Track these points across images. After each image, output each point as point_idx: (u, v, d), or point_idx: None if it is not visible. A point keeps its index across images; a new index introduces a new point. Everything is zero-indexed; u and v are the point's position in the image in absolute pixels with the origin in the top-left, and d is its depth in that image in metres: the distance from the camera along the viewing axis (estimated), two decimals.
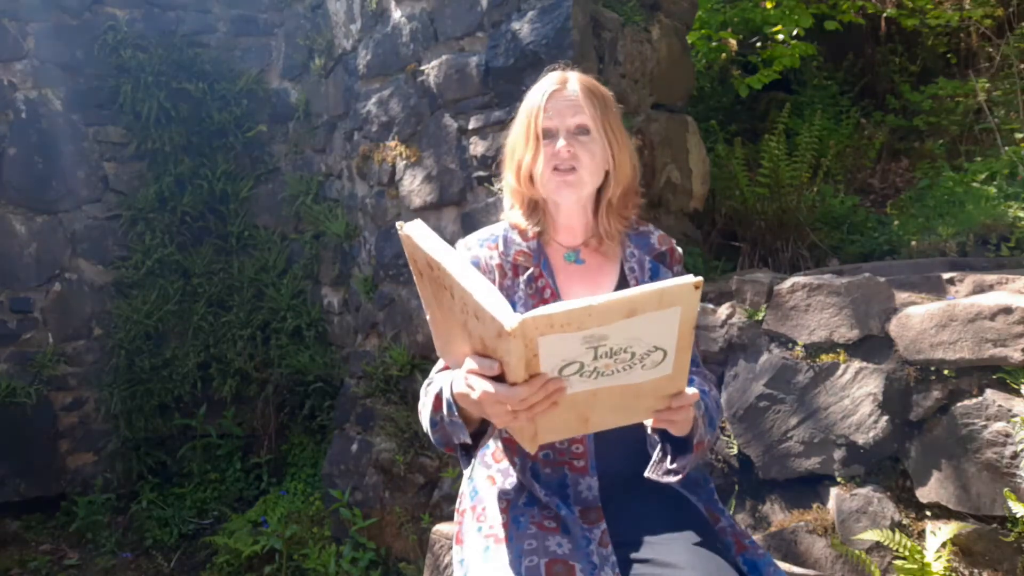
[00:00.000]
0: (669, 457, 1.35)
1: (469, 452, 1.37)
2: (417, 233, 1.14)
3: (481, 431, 1.33)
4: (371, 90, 3.79)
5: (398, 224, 1.17)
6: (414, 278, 1.21)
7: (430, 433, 1.38)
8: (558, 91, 1.48)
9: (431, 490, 3.46)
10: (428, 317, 1.25)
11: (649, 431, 1.36)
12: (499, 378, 1.12)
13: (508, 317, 1.02)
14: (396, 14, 3.61)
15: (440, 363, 1.47)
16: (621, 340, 1.06)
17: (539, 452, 1.44)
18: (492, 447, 1.53)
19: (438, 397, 1.32)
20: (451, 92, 3.32)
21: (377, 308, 3.83)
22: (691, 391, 1.21)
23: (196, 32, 4.89)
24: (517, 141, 1.52)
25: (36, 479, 4.40)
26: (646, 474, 1.37)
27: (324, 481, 3.93)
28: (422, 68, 3.47)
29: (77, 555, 4.16)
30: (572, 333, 1.03)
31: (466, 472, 1.58)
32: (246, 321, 4.72)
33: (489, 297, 1.04)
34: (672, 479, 1.36)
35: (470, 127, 3.24)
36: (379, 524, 3.55)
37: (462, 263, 1.09)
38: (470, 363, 1.15)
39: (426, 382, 1.44)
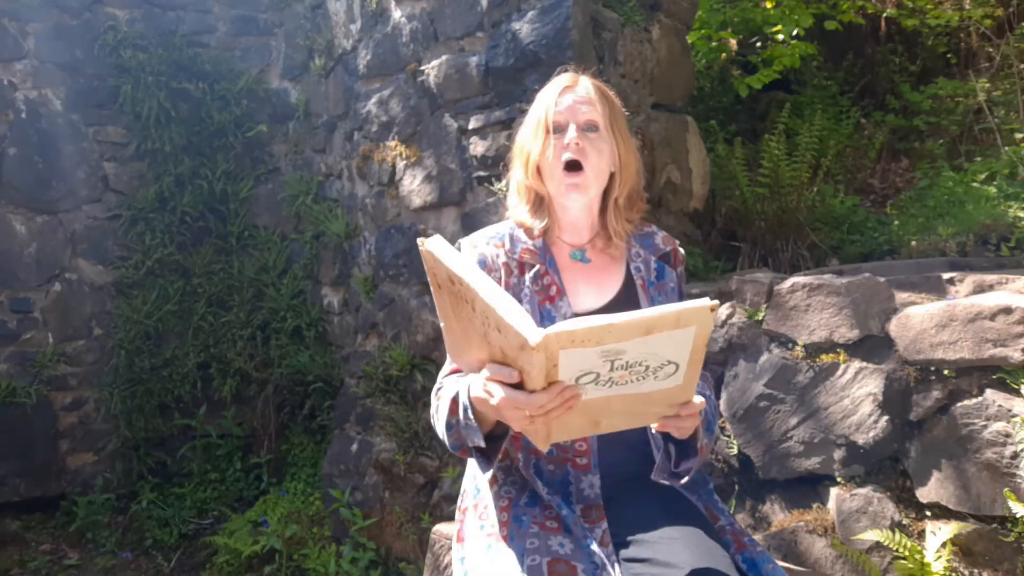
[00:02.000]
0: (673, 460, 1.38)
1: (486, 457, 1.39)
2: (438, 249, 1.18)
3: (495, 435, 1.35)
4: (371, 90, 3.79)
5: (419, 240, 1.21)
6: (431, 289, 1.25)
7: (445, 437, 1.41)
8: (570, 87, 1.52)
9: (431, 490, 3.46)
10: (443, 325, 1.29)
11: (654, 430, 1.38)
12: (517, 385, 1.16)
13: (532, 333, 1.06)
14: (396, 14, 3.61)
15: (446, 368, 1.49)
16: (637, 355, 1.12)
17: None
18: None
19: (454, 401, 1.35)
20: (451, 92, 3.32)
21: (377, 308, 3.83)
22: (698, 400, 1.26)
23: (196, 32, 4.89)
24: (527, 136, 1.55)
25: (36, 479, 4.40)
26: (653, 477, 1.40)
27: (324, 481, 3.93)
28: (422, 68, 3.47)
29: (77, 555, 4.16)
30: (591, 348, 1.09)
31: (469, 470, 1.58)
32: (246, 321, 4.72)
33: (512, 313, 1.09)
34: (677, 482, 1.40)
35: (470, 127, 3.24)
36: (379, 524, 3.55)
37: (485, 279, 1.14)
38: (490, 369, 1.19)
39: (436, 387, 1.47)
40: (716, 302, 1.10)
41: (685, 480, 1.39)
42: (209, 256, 4.79)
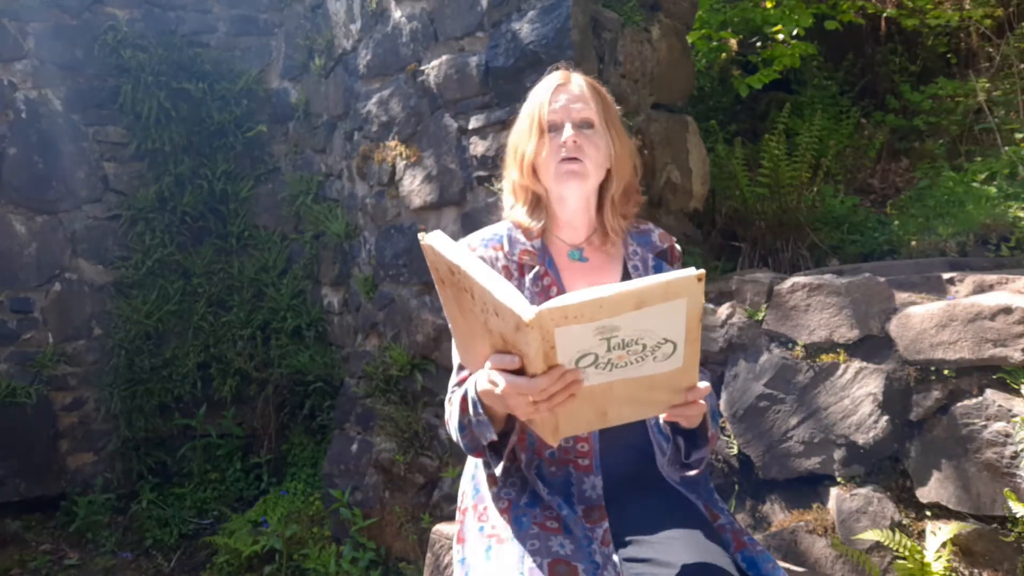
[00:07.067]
0: (683, 452, 1.38)
1: (498, 452, 1.40)
2: (438, 242, 1.20)
3: (507, 431, 1.36)
4: (371, 90, 3.79)
5: (420, 235, 1.23)
6: (436, 287, 1.27)
7: (460, 440, 1.42)
8: (563, 85, 1.52)
9: (431, 490, 3.46)
10: (451, 326, 1.32)
11: (662, 422, 1.40)
12: (520, 372, 1.17)
13: (525, 310, 1.08)
14: (396, 14, 3.61)
15: (453, 378, 1.50)
16: (632, 332, 1.11)
17: (545, 450, 1.46)
18: None
19: (464, 399, 1.36)
20: (451, 92, 3.32)
21: (377, 308, 3.83)
22: (703, 384, 1.26)
23: (196, 32, 4.90)
24: (521, 136, 1.55)
25: (36, 479, 4.40)
26: (664, 471, 1.41)
27: (324, 481, 3.93)
28: (422, 68, 3.47)
29: (77, 555, 4.16)
30: (585, 324, 1.09)
31: (467, 471, 1.58)
32: (246, 321, 4.72)
33: (507, 293, 1.10)
34: (689, 473, 1.40)
35: (470, 127, 3.24)
36: (379, 524, 3.55)
37: (481, 265, 1.16)
38: (492, 360, 1.20)
39: (447, 398, 1.48)
40: (702, 271, 1.09)
41: (697, 472, 1.39)
42: (209, 256, 4.79)
